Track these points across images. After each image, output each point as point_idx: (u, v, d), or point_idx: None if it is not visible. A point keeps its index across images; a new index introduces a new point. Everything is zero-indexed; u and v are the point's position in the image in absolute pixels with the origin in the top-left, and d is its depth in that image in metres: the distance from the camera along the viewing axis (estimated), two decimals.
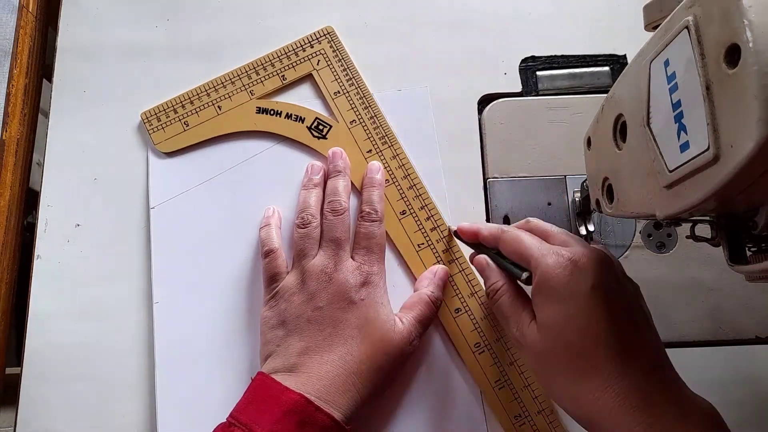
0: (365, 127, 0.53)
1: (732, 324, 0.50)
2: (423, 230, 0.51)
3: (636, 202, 0.36)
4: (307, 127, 0.53)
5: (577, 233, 0.51)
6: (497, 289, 0.43)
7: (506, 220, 0.52)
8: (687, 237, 0.38)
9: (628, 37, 0.56)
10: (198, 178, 0.52)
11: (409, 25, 0.57)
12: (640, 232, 0.52)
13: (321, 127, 0.53)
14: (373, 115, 0.54)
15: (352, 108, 0.54)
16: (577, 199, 0.51)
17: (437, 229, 0.51)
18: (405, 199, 0.52)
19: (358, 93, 0.54)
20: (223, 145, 0.53)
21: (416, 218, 0.51)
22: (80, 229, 0.52)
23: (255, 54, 0.56)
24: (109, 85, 0.55)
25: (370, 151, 0.53)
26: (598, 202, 0.43)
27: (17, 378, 0.48)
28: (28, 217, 0.55)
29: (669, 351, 0.49)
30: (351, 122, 0.53)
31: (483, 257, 0.45)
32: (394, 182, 0.52)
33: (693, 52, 0.28)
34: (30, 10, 0.56)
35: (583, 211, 0.51)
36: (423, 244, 0.51)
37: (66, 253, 0.51)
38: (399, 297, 0.49)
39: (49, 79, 0.55)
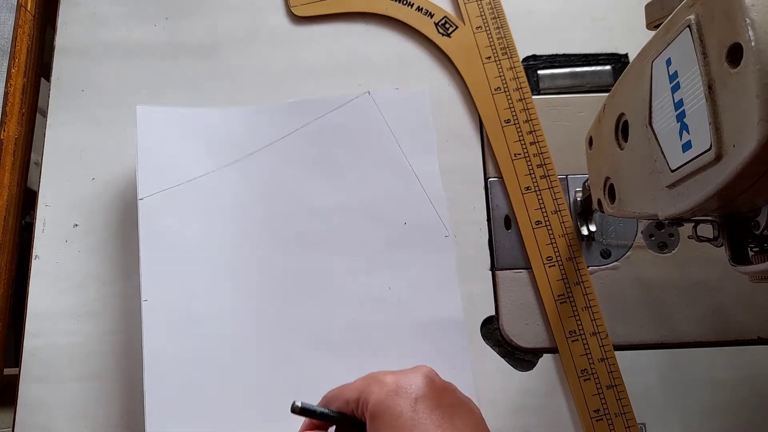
0: (489, 35, 0.55)
1: (734, 325, 0.50)
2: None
3: (638, 202, 0.36)
4: (434, 22, 0.56)
5: (579, 233, 0.51)
6: None
7: (507, 221, 0.52)
8: (689, 237, 0.38)
9: (629, 36, 0.56)
10: (192, 171, 0.51)
11: None
12: (641, 233, 0.52)
13: (447, 25, 0.56)
14: (500, 26, 0.55)
15: (481, 15, 0.56)
16: (578, 199, 0.51)
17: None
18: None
19: (490, 3, 0.56)
20: (220, 139, 0.53)
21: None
22: (78, 229, 0.51)
23: (254, 52, 0.56)
24: (107, 85, 0.54)
25: (489, 57, 0.55)
26: (599, 202, 0.42)
27: (15, 378, 0.48)
28: (26, 217, 0.55)
29: (671, 352, 0.50)
30: (477, 28, 0.55)
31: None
32: (505, 92, 0.54)
33: (695, 51, 0.28)
34: (28, 9, 0.56)
35: (585, 211, 0.51)
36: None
37: (64, 253, 0.51)
38: None
39: (47, 79, 0.55)
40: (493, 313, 0.51)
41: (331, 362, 0.49)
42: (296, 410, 0.42)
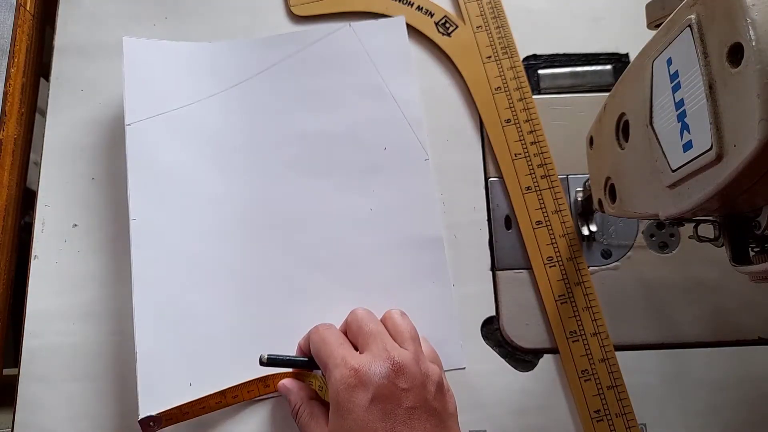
0: (489, 34, 0.55)
1: (735, 325, 0.50)
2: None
3: (638, 202, 0.36)
4: (434, 22, 0.56)
5: (580, 233, 0.51)
6: (297, 410, 0.43)
7: (507, 221, 0.52)
8: (690, 237, 0.38)
9: (630, 36, 0.56)
10: (178, 101, 0.52)
11: None
12: (642, 233, 0.52)
13: (447, 24, 0.56)
14: (500, 25, 0.55)
15: (481, 14, 0.56)
16: (579, 198, 0.51)
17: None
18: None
19: (490, 3, 0.56)
20: (205, 71, 0.54)
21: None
22: (77, 229, 0.51)
23: None
24: (106, 85, 0.54)
25: (490, 57, 0.55)
26: (600, 202, 0.42)
27: (14, 379, 0.48)
28: (25, 217, 0.55)
29: (671, 352, 0.50)
30: (477, 27, 0.55)
31: (282, 382, 0.45)
32: (506, 92, 0.54)
33: (696, 51, 0.28)
34: (28, 8, 0.56)
35: (585, 211, 0.51)
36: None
37: (63, 254, 0.51)
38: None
39: (47, 78, 0.55)
40: (494, 313, 0.50)
41: (318, 279, 0.50)
42: (264, 362, 0.43)
